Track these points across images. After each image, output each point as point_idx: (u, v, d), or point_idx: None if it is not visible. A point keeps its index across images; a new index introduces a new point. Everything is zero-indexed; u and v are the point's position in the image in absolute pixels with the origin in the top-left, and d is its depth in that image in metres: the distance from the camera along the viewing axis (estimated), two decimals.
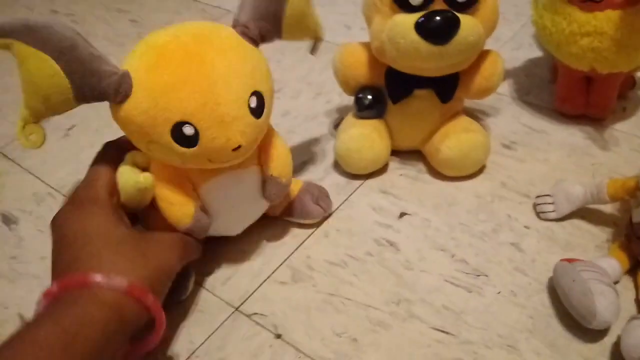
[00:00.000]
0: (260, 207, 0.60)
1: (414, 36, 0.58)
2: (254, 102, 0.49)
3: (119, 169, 0.51)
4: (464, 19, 0.58)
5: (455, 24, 0.57)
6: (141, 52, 0.48)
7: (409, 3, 0.58)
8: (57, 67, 0.44)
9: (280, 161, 0.57)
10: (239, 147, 0.49)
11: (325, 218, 0.66)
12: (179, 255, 0.52)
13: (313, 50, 0.63)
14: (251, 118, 0.49)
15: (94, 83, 0.46)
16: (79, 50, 0.45)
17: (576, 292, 0.51)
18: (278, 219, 0.65)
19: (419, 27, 0.57)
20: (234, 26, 0.52)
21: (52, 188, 0.74)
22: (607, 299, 0.50)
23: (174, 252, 0.51)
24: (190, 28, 0.50)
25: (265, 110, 0.51)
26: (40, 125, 0.49)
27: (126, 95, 0.46)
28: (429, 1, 0.58)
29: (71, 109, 0.48)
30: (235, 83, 0.48)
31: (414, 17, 0.58)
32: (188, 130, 0.47)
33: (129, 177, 0.50)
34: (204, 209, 0.55)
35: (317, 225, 0.65)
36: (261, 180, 0.57)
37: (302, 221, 0.65)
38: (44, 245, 0.51)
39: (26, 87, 0.46)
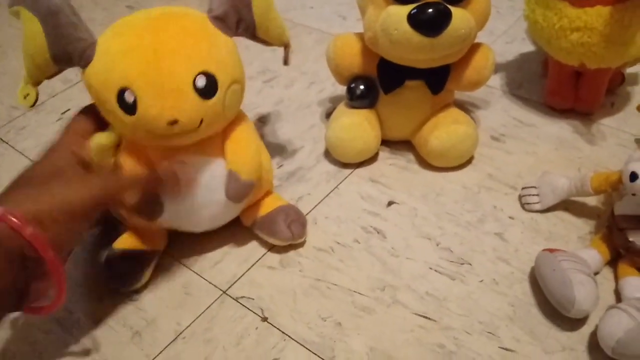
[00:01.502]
0: (227, 207, 0.58)
1: (407, 27, 0.59)
2: (201, 82, 0.50)
3: None
4: (456, 12, 0.59)
5: (446, 17, 0.58)
6: (116, 23, 0.52)
7: None
8: (40, 28, 0.49)
9: (240, 156, 0.56)
10: (175, 122, 0.49)
11: (300, 244, 0.63)
12: (88, 197, 0.47)
13: (285, 58, 0.62)
14: (195, 96, 0.50)
15: (63, 45, 0.50)
16: (59, 16, 0.49)
17: (556, 281, 0.52)
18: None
19: (412, 19, 0.58)
20: (208, 11, 0.53)
21: None
22: (585, 289, 0.51)
23: (81, 192, 0.47)
24: (167, 8, 0.53)
25: (218, 94, 0.51)
26: (35, 88, 0.54)
27: (88, 61, 0.50)
28: None
29: (53, 72, 0.53)
30: (181, 58, 0.49)
31: (407, 9, 0.59)
32: (128, 96, 0.49)
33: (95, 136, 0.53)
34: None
35: (307, 212, 0.66)
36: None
37: (268, 239, 0.62)
38: None
39: (23, 49, 0.52)
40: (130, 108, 0.49)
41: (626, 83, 0.80)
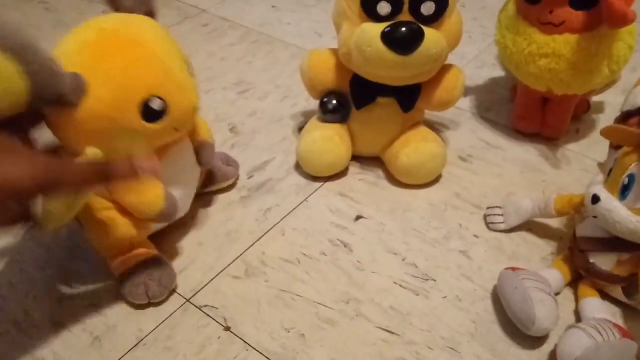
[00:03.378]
0: (196, 178, 0.63)
1: (380, 45, 0.60)
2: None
3: None
4: (428, 31, 0.60)
5: (419, 36, 0.59)
6: (76, 48, 0.48)
7: (377, 13, 0.60)
8: (13, 67, 0.40)
9: (204, 125, 0.62)
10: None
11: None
12: (28, 174, 0.41)
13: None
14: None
15: (53, 84, 0.43)
16: (39, 50, 0.41)
17: (517, 298, 0.53)
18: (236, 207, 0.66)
19: (385, 37, 0.59)
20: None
21: None
22: (546, 307, 0.52)
23: (20, 167, 0.41)
24: (114, 19, 0.51)
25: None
26: None
27: (84, 92, 0.46)
28: (396, 12, 0.60)
29: (15, 112, 0.42)
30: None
31: (380, 27, 0.60)
32: (157, 103, 0.49)
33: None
34: None
35: (275, 223, 0.66)
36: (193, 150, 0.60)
37: (221, 185, 0.69)
38: None
39: None
40: (159, 114, 0.50)
41: (591, 111, 0.82)
